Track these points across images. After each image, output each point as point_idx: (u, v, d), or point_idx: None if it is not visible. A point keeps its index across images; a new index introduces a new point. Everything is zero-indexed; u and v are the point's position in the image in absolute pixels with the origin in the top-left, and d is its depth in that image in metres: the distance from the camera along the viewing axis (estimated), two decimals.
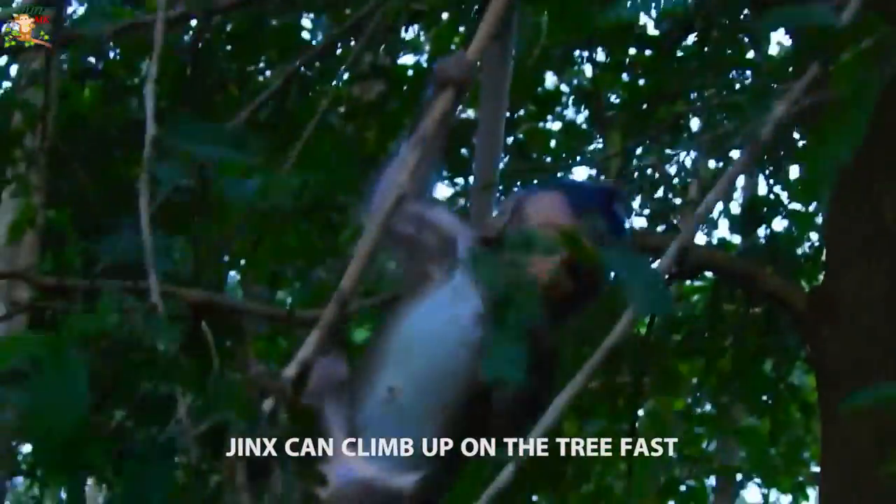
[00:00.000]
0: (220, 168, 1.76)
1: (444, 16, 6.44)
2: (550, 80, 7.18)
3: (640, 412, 6.56)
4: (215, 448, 1.55)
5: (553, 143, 6.78)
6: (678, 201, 6.49)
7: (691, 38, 6.26)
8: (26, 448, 7.51)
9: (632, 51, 6.49)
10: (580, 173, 6.91)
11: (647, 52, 6.47)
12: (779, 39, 9.53)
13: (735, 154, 6.48)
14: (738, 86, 6.25)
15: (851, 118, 1.54)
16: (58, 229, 5.79)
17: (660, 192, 6.34)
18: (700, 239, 6.55)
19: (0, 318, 5.32)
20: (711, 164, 6.98)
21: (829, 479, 4.62)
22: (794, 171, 6.55)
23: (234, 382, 1.58)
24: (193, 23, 5.66)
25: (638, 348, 5.57)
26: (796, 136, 6.18)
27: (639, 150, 6.24)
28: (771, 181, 6.53)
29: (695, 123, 6.77)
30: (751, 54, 6.38)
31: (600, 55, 6.58)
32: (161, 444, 1.54)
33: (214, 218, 4.99)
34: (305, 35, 6.45)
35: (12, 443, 6.10)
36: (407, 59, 7.31)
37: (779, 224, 6.23)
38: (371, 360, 2.51)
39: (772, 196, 6.45)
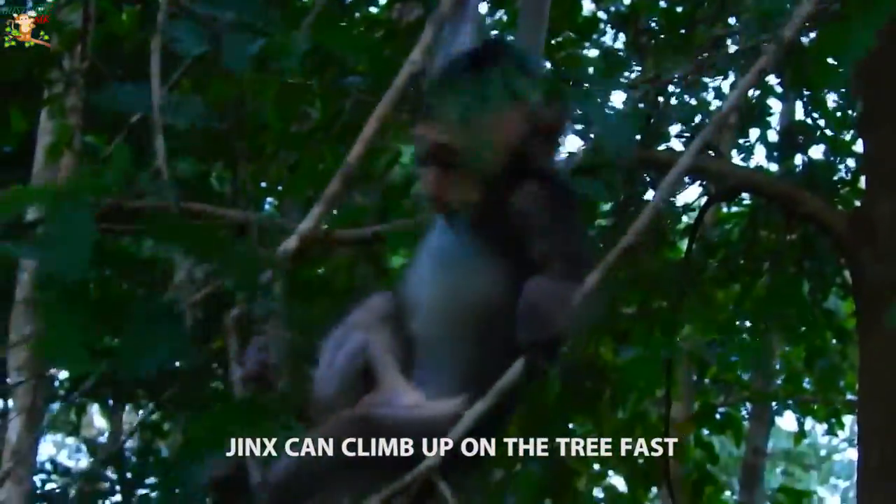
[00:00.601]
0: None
1: None
2: (588, 6, 7.13)
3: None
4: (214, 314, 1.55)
5: (591, 70, 6.72)
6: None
7: None
8: (63, 374, 7.56)
9: None
10: (617, 98, 6.83)
11: None
12: None
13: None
14: None
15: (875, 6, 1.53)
16: (95, 151, 5.80)
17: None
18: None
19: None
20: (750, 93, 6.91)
21: (866, 405, 4.61)
22: (831, 99, 6.50)
23: (239, 251, 1.58)
24: None
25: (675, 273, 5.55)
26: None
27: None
28: (808, 107, 6.47)
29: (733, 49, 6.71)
30: None
31: None
32: (163, 304, 1.53)
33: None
34: None
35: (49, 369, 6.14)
36: None
37: (816, 151, 6.18)
38: (403, 292, 2.48)
39: (809, 122, 6.40)
